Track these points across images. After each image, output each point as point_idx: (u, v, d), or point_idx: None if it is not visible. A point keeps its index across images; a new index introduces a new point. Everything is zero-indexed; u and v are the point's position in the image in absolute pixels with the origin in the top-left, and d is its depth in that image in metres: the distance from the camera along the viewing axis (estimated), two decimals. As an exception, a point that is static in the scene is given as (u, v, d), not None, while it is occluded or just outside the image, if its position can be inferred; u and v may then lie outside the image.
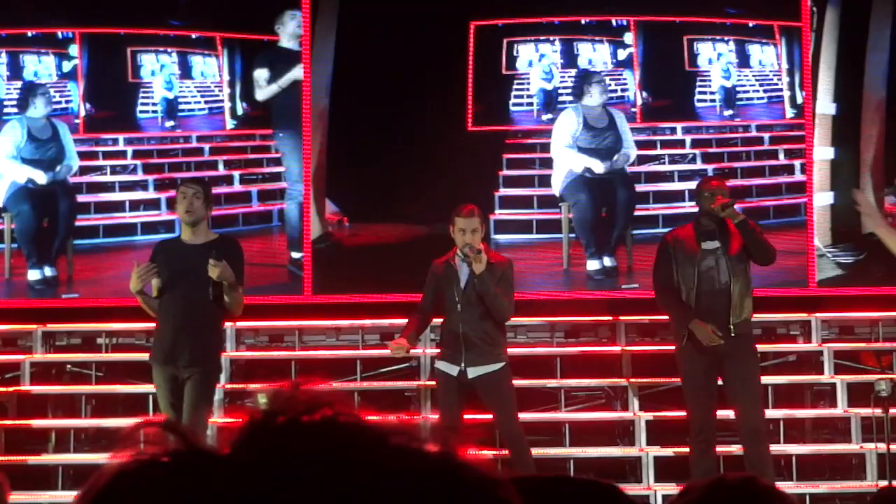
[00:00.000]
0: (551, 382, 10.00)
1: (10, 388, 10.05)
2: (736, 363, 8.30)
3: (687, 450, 8.52)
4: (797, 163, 10.74)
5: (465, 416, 8.37)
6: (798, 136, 10.76)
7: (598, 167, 10.57)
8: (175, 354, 7.91)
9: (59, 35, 10.94)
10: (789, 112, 10.82)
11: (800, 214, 10.62)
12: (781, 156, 10.83)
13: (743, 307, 8.30)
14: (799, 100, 10.76)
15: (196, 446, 1.03)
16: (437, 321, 8.68)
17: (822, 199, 10.61)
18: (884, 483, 8.55)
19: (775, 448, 8.95)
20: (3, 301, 10.60)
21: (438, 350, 8.59)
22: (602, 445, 9.75)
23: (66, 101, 10.96)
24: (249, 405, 4.80)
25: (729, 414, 8.40)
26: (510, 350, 8.70)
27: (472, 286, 8.17)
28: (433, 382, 9.50)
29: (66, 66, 10.96)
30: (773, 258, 8.47)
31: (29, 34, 10.98)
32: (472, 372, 8.17)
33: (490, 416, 8.43)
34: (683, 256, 8.29)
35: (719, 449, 8.41)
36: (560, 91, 10.91)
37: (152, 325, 8.40)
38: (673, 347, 8.66)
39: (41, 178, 10.65)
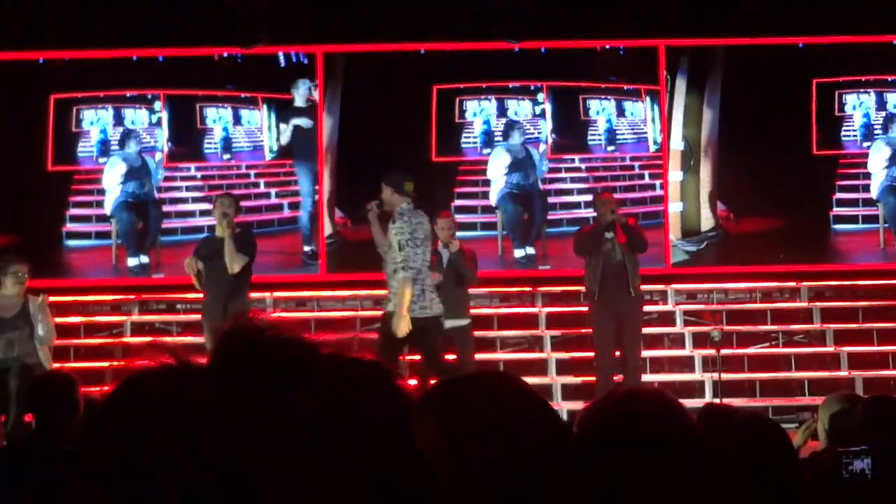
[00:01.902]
0: (490, 333, 10.01)
1: (116, 340, 10.16)
2: (630, 318, 8.44)
3: (592, 378, 8.59)
4: (657, 182, 10.93)
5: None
6: (658, 164, 10.94)
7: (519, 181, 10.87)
8: (218, 314, 7.85)
9: (149, 96, 10.99)
10: (652, 147, 11.00)
11: (659, 218, 10.81)
12: (647, 177, 11.00)
13: (636, 277, 8.42)
14: (658, 139, 10.98)
15: (185, 361, 0.96)
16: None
17: (674, 207, 10.88)
18: (716, 401, 8.57)
19: (645, 377, 9.05)
20: (112, 279, 10.66)
21: None
22: (526, 376, 9.88)
23: (154, 141, 11.02)
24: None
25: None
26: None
27: (451, 262, 8.32)
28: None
29: (154, 117, 11.03)
30: (646, 246, 8.61)
31: (127, 94, 11.01)
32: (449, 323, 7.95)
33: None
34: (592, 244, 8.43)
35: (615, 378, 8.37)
36: (495, 133, 11.03)
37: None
38: (578, 308, 8.90)
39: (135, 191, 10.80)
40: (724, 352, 8.92)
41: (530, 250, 10.89)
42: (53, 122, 10.98)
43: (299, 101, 11.02)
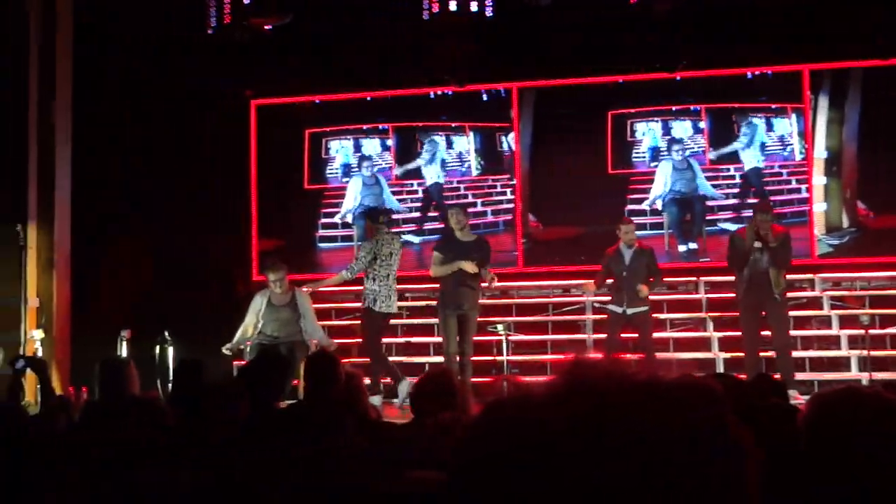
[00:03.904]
0: (661, 315, 9.46)
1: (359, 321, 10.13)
2: (774, 307, 7.97)
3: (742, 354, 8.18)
4: (803, 186, 10.29)
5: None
6: (803, 170, 10.31)
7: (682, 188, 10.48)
8: (459, 302, 7.93)
9: (380, 127, 11.12)
10: (798, 157, 10.40)
11: (805, 216, 10.18)
12: (794, 182, 10.35)
13: (780, 283, 7.92)
14: (803, 150, 10.35)
15: (532, 388, 0.80)
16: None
17: (819, 207, 10.25)
18: (865, 375, 8.22)
19: (795, 353, 8.54)
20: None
21: (609, 298, 8.34)
22: (692, 352, 9.31)
23: (386, 164, 11.15)
24: (491, 330, 5.19)
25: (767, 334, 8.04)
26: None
27: (633, 260, 8.10)
28: (596, 316, 9.63)
29: (386, 145, 11.15)
30: (787, 265, 8.00)
31: (363, 127, 11.14)
32: (630, 310, 8.01)
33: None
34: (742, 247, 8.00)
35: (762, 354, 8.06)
36: (661, 149, 10.63)
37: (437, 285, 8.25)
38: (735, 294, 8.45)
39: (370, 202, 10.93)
40: (870, 332, 8.39)
41: (692, 245, 10.44)
42: (308, 150, 11.24)
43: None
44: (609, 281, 8.36)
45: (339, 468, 2.42)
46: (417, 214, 11.03)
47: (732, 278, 8.54)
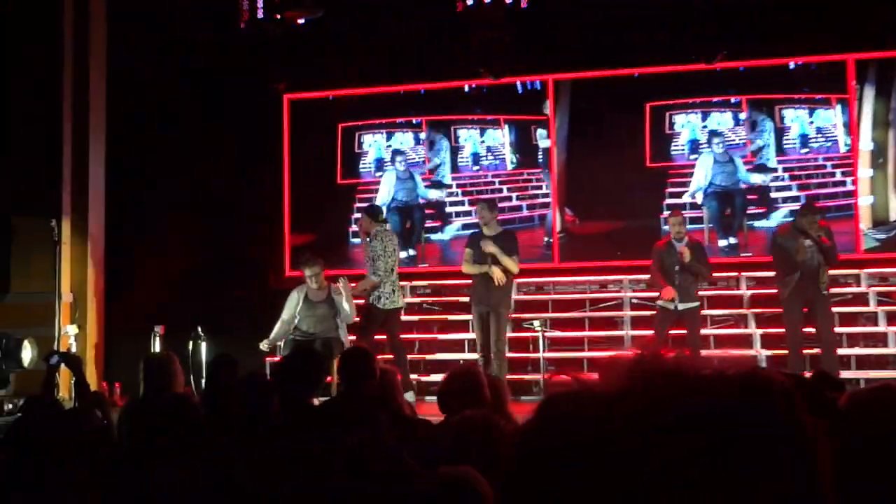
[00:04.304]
0: (701, 312, 9.25)
1: None
2: (819, 302, 7.82)
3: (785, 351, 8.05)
4: (848, 179, 10.07)
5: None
6: (848, 163, 10.06)
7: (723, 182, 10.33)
8: (487, 299, 7.87)
9: (414, 121, 11.07)
10: (842, 149, 10.13)
11: (850, 210, 9.96)
12: (838, 175, 10.08)
13: (826, 276, 7.80)
14: (848, 141, 10.11)
15: (593, 383, 0.77)
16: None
17: (865, 200, 10.02)
18: None
19: (841, 351, 8.44)
20: None
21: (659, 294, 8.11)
22: (732, 349, 9.11)
23: (419, 158, 11.05)
24: (527, 326, 5.08)
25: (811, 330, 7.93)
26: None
27: (690, 263, 7.89)
28: (634, 312, 9.55)
29: (419, 139, 11.09)
30: (834, 260, 7.85)
31: (396, 121, 11.11)
32: (682, 306, 7.90)
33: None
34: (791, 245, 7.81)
35: (805, 351, 7.96)
36: (700, 142, 10.44)
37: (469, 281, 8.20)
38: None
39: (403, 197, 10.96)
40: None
41: (733, 240, 10.26)
42: (341, 145, 11.22)
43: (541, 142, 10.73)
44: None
45: (368, 465, 2.40)
46: (452, 210, 10.98)
47: (774, 274, 8.38)
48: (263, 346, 7.81)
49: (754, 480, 0.70)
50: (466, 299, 8.63)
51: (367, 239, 7.96)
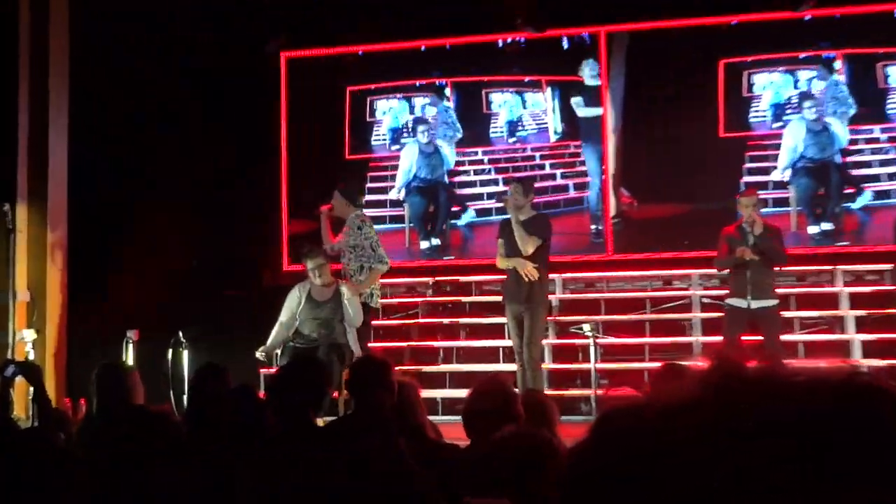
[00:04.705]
0: (787, 313, 9.05)
1: (412, 321, 10.26)
2: None
3: None
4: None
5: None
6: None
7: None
8: (519, 295, 7.83)
9: (437, 83, 11.09)
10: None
11: None
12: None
13: None
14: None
15: (659, 393, 0.82)
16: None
17: None
18: None
19: None
20: (405, 262, 10.69)
21: (728, 290, 8.14)
22: (824, 359, 9.20)
23: (447, 124, 11.05)
24: (575, 332, 5.08)
25: None
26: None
27: (755, 244, 7.85)
28: (705, 314, 9.47)
29: (444, 105, 11.07)
30: None
31: (417, 84, 11.14)
32: (755, 304, 7.88)
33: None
34: None
35: None
36: (786, 106, 10.35)
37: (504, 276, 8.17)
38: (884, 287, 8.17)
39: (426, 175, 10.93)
40: None
41: (826, 226, 10.18)
42: (350, 112, 11.26)
43: (590, 81, 10.77)
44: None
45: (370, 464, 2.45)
46: (483, 190, 10.99)
47: (883, 266, 8.30)
48: (259, 354, 7.80)
49: (849, 486, 0.75)
50: (500, 298, 8.61)
51: (358, 228, 8.00)
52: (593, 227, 10.66)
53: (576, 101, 10.80)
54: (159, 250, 10.44)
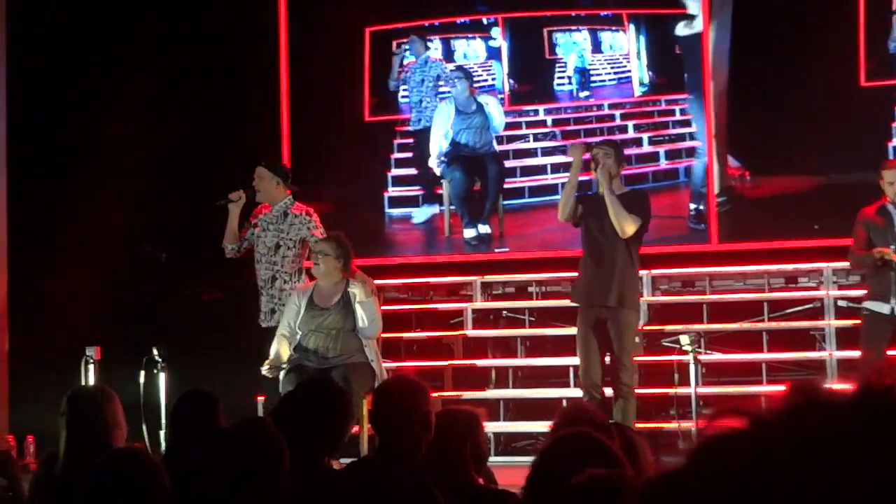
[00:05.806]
0: None
1: (456, 332, 10.24)
2: None
3: None
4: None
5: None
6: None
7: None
8: (595, 295, 7.83)
9: (484, 21, 11.14)
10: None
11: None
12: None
13: None
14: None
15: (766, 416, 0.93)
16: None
17: None
18: None
19: None
20: (446, 256, 10.84)
21: (866, 291, 8.25)
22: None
23: (492, 79, 11.20)
24: (668, 345, 5.20)
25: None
26: None
27: None
28: (840, 322, 9.45)
29: (492, 48, 11.20)
30: None
31: (458, 22, 11.20)
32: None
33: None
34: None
35: None
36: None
37: (576, 273, 8.28)
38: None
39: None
40: None
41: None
42: (369, 61, 11.32)
43: (696, 10, 10.77)
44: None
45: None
46: (546, 161, 11.07)
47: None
48: (266, 371, 7.82)
49: None
50: (568, 302, 8.68)
51: (307, 215, 8.32)
52: (693, 206, 10.71)
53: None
54: (117, 246, 10.51)
